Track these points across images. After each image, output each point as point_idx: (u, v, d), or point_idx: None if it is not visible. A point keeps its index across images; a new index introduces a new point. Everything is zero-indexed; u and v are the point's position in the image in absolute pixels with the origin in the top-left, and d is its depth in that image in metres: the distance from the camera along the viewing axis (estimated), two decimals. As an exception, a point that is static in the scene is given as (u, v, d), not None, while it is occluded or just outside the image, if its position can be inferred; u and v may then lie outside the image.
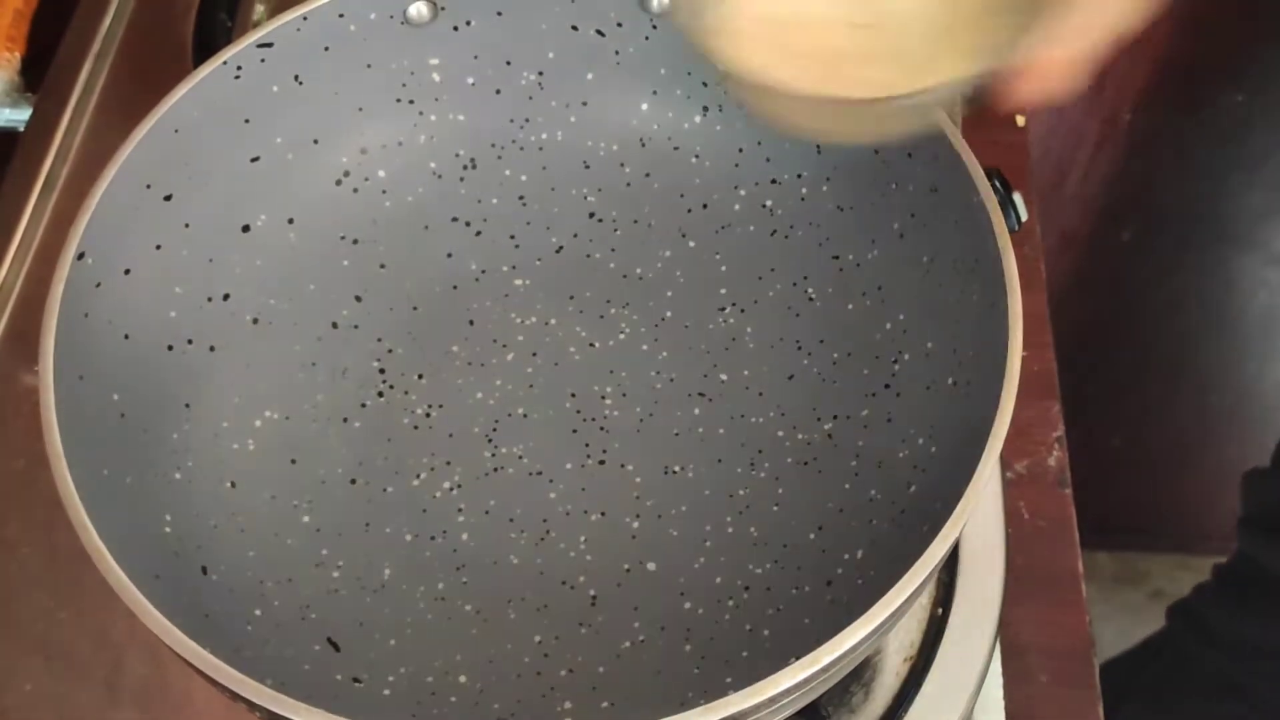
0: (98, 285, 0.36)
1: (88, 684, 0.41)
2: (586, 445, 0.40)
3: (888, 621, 0.29)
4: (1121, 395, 1.07)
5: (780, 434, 0.40)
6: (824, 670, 0.28)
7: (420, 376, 0.42)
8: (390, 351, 0.42)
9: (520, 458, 0.40)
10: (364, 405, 0.41)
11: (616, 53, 0.43)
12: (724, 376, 0.42)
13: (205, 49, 0.52)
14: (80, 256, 0.35)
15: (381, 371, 0.42)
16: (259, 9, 0.53)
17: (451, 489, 0.40)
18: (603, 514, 0.39)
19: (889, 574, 0.29)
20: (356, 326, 0.42)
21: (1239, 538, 0.73)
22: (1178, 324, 1.00)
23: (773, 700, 0.28)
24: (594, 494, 0.39)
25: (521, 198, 0.45)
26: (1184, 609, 0.75)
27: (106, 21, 0.55)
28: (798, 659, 0.28)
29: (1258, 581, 0.70)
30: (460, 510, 0.39)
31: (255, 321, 0.41)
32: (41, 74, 0.54)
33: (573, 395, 0.41)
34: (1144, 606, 1.21)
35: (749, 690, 0.28)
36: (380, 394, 0.41)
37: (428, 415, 0.41)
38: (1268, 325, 0.98)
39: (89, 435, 0.34)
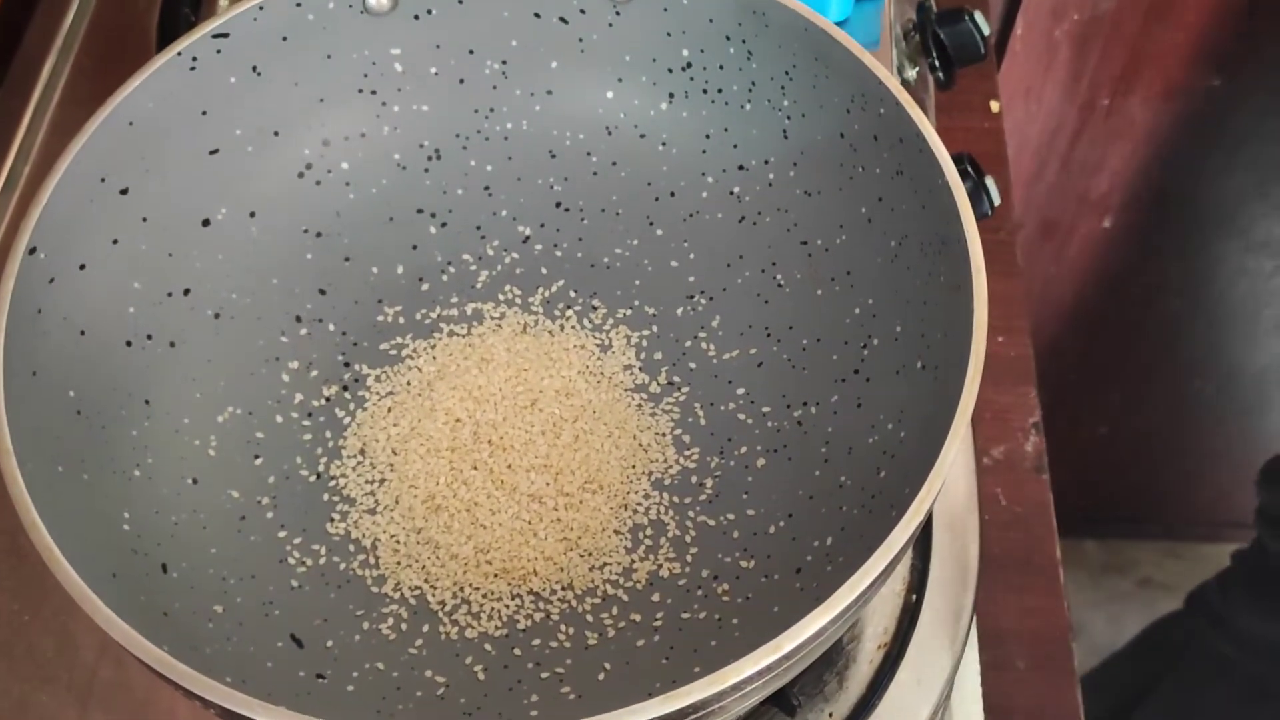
0: (51, 281, 0.35)
1: (52, 687, 0.41)
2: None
3: (851, 608, 0.28)
4: (1105, 383, 1.07)
5: (749, 421, 0.40)
6: (786, 658, 0.28)
7: (386, 370, 0.41)
8: (355, 345, 0.42)
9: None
10: (328, 399, 0.41)
11: (580, 40, 0.43)
12: (693, 364, 0.41)
13: (169, 43, 0.51)
14: (32, 251, 0.34)
15: (346, 365, 0.41)
16: (223, 1, 0.52)
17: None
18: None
19: (858, 560, 0.29)
20: (320, 320, 0.42)
21: (1257, 527, 0.73)
22: (1160, 311, 1.00)
23: (736, 688, 0.28)
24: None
25: (487, 188, 0.44)
26: (1203, 600, 0.75)
27: (69, 17, 0.54)
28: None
29: (1275, 578, 0.70)
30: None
31: (217, 316, 0.41)
32: (4, 69, 0.53)
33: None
34: (1132, 594, 1.21)
35: (710, 678, 0.27)
36: (345, 388, 0.41)
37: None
38: (1249, 311, 0.98)
39: (42, 432, 0.33)
